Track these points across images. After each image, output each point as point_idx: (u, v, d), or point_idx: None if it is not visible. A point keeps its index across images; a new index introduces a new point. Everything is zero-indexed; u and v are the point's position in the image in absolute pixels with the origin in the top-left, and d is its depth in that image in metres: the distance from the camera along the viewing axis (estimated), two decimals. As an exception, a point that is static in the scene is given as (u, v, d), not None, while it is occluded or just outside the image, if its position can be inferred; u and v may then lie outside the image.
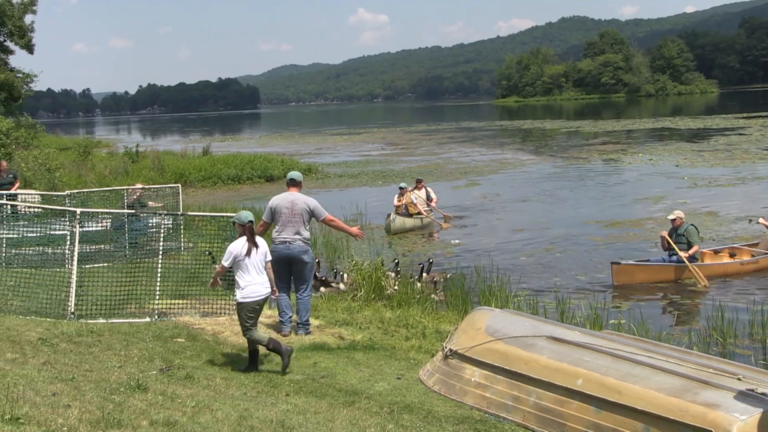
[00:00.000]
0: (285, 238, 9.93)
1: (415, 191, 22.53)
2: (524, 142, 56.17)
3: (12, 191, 19.18)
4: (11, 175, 20.65)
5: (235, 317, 10.68)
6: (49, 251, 13.29)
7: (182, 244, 14.70)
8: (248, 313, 8.29)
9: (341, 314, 11.46)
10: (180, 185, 19.22)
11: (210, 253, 12.45)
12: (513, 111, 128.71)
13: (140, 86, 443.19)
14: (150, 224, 14.54)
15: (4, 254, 12.32)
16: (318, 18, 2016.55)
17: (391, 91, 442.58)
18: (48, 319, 9.78)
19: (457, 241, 19.61)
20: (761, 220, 16.19)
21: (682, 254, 14.52)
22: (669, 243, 14.77)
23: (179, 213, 15.14)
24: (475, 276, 13.73)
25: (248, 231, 8.37)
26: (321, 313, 11.44)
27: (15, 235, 12.23)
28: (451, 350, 7.80)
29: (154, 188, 19.06)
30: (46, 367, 6.80)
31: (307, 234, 10.11)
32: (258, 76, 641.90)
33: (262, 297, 8.39)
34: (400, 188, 22.24)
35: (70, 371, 6.74)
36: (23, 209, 14.22)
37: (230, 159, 38.65)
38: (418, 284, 13.43)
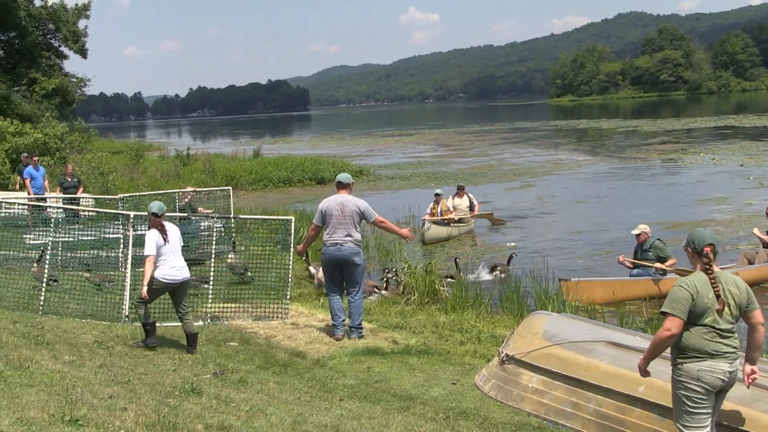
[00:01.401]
0: (336, 240, 9.99)
1: (456, 198, 21.80)
2: (580, 143, 55.58)
3: (78, 195, 19.76)
4: (76, 179, 21.25)
5: (288, 321, 10.80)
6: (104, 254, 13.55)
7: (234, 247, 14.84)
8: (156, 292, 8.72)
9: (394, 318, 11.48)
10: (231, 188, 19.45)
11: (234, 244, 12.75)
12: (568, 110, 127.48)
13: (190, 89, 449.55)
14: (201, 227, 14.73)
15: (60, 257, 12.56)
16: (368, 18, 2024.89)
17: (443, 91, 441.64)
18: (103, 322, 9.99)
19: (512, 243, 19.49)
20: (755, 231, 15.33)
21: (660, 265, 13.47)
22: (633, 262, 13.98)
23: (231, 216, 15.31)
24: (531, 279, 13.62)
25: (154, 221, 8.74)
26: (374, 317, 11.46)
27: (71, 239, 12.48)
28: (507, 355, 7.77)
29: (204, 191, 19.32)
30: (103, 369, 6.94)
31: (357, 236, 10.15)
32: (308, 78, 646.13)
33: (177, 281, 8.73)
34: (436, 195, 21.55)
35: (126, 374, 6.87)
36: (78, 212, 14.52)
37: (281, 161, 38.97)
38: (384, 292, 13.53)
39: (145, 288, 8.62)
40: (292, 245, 11.79)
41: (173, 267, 8.69)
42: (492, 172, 36.03)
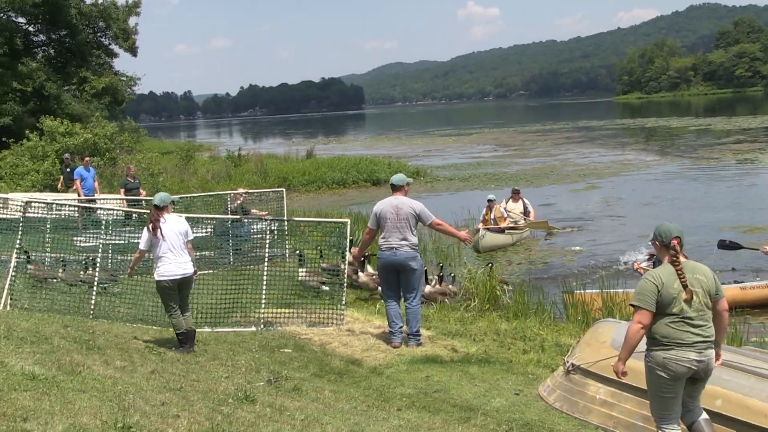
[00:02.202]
0: (391, 244, 9.98)
1: (510, 203, 21.45)
2: (648, 142, 54.83)
3: (141, 197, 20.03)
4: (137, 181, 21.58)
5: (344, 327, 10.84)
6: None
7: (287, 251, 14.94)
8: (164, 292, 8.87)
9: (454, 325, 11.44)
10: (284, 189, 19.59)
11: (300, 255, 12.71)
12: (635, 108, 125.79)
13: (241, 87, 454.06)
14: (254, 230, 14.86)
15: (110, 261, 12.81)
16: (425, 13, 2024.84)
17: (503, 88, 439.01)
18: (154, 327, 10.14)
19: (577, 247, 19.29)
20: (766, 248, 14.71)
21: None
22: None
23: (284, 218, 15.41)
24: (599, 285, 13.46)
25: (153, 211, 8.91)
26: (432, 324, 11.44)
27: (121, 241, 12.70)
28: (573, 365, 7.68)
29: (256, 192, 19.47)
30: (155, 375, 7.04)
31: (414, 239, 10.12)
32: (362, 75, 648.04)
33: (179, 277, 8.80)
34: (488, 201, 20.98)
35: (178, 381, 6.96)
36: (129, 214, 14.75)
37: (335, 162, 39.18)
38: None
39: (131, 271, 9.43)
40: (347, 249, 11.83)
41: (171, 263, 8.80)
42: (555, 173, 35.73)
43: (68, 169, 23.70)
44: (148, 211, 9.59)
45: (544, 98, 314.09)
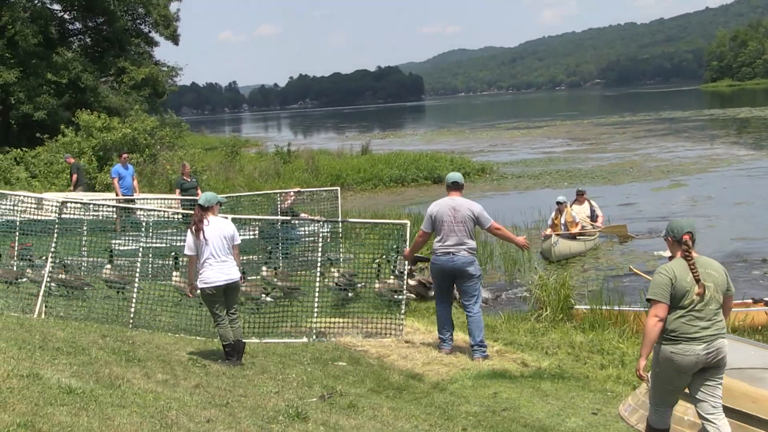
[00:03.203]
0: (448, 248, 10.02)
1: (575, 206, 20.77)
2: (740, 134, 53.85)
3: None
4: (194, 180, 21.47)
5: (403, 338, 10.83)
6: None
7: (341, 255, 14.98)
8: (208, 300, 8.91)
9: (524, 337, 11.36)
10: (338, 188, 19.63)
11: (378, 263, 12.67)
12: (726, 97, 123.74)
13: (290, 77, 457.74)
14: (305, 233, 14.92)
15: (150, 266, 12.96)
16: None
17: (577, 77, 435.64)
18: (198, 338, 10.25)
19: (661, 252, 18.95)
20: None
21: None
22: None
23: (338, 220, 15.44)
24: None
25: (196, 212, 8.92)
26: (500, 335, 11.38)
27: (162, 245, 12.85)
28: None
29: (308, 191, 19.50)
30: (199, 390, 7.10)
31: (472, 243, 10.16)
32: (422, 64, 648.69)
33: (221, 283, 8.80)
34: (558, 203, 20.26)
35: (224, 396, 7.01)
36: (171, 216, 14.93)
37: (392, 158, 39.18)
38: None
39: (188, 288, 9.20)
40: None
41: (214, 268, 8.83)
42: (635, 170, 35.28)
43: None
44: (177, 212, 9.63)
45: (622, 87, 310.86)
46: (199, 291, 8.97)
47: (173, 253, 12.68)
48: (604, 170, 35.50)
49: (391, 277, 12.59)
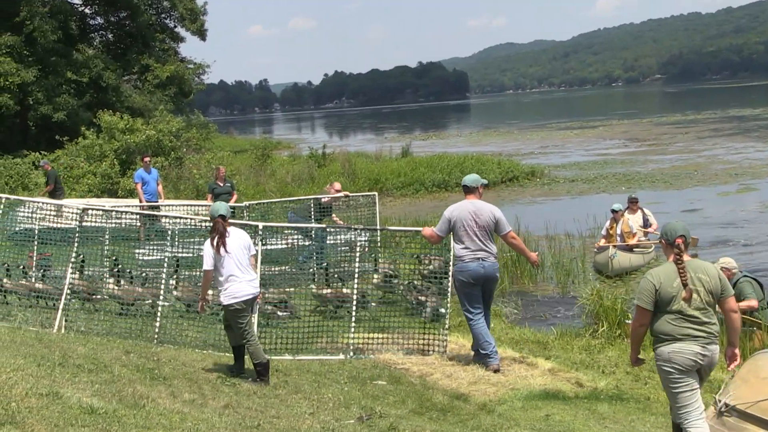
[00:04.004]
0: (476, 254, 10.22)
1: (627, 214, 20.17)
2: (817, 134, 53.20)
3: (231, 203, 19.79)
4: (229, 184, 21.44)
5: (447, 356, 10.80)
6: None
7: (380, 266, 14.97)
8: (237, 316, 8.90)
9: (578, 354, 11.31)
10: (376, 194, 19.63)
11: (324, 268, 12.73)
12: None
13: (325, 75, 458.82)
14: (341, 241, 14.94)
15: (176, 276, 13.03)
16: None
17: (635, 72, 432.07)
18: (227, 354, 10.29)
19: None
20: None
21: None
22: None
23: (376, 227, 15.45)
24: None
25: (215, 225, 8.95)
26: (552, 353, 11.34)
27: (189, 255, 12.92)
28: (727, 405, 7.50)
29: (343, 197, 19.49)
30: (228, 410, 7.14)
31: (495, 248, 10.42)
32: (466, 59, 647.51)
33: (250, 296, 8.91)
34: (613, 211, 19.74)
35: (255, 417, 7.04)
36: (198, 223, 15.00)
37: (435, 161, 39.17)
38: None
39: (200, 303, 9.25)
40: (451, 263, 11.80)
41: (242, 281, 8.91)
42: (700, 173, 34.98)
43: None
44: (238, 221, 9.68)
45: (685, 83, 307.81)
46: (222, 307, 9.02)
47: (176, 262, 12.80)
48: (666, 174, 35.22)
49: (327, 287, 12.79)
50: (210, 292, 11.94)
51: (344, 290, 12.47)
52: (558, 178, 36.54)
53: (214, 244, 8.87)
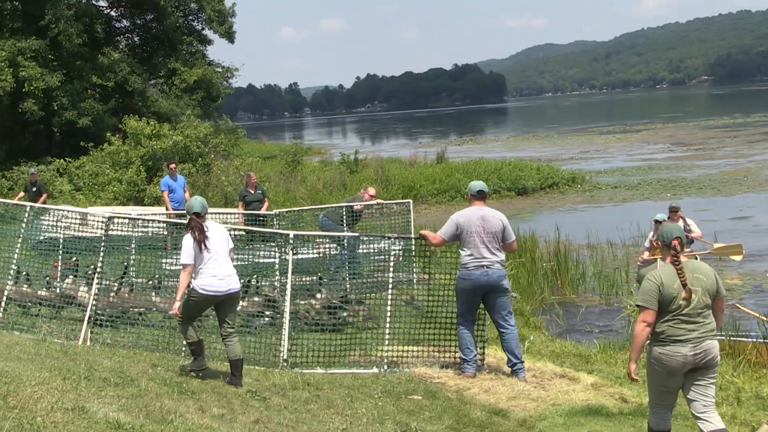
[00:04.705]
0: (481, 262, 10.37)
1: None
2: None
3: (263, 211, 19.80)
4: (260, 192, 21.47)
5: (484, 369, 10.77)
6: (255, 284, 14.00)
7: (415, 276, 14.96)
8: (193, 306, 9.12)
9: (622, 368, 11.25)
10: (411, 201, 19.61)
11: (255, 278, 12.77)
12: None
13: (357, 78, 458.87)
14: (374, 250, 14.91)
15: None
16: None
17: (680, 73, 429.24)
18: (257, 368, 10.33)
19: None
20: None
21: None
22: None
23: (411, 236, 15.43)
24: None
25: (191, 222, 9.19)
26: (595, 366, 11.28)
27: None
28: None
29: (377, 204, 19.45)
30: (258, 426, 7.16)
31: (503, 256, 10.57)
32: (504, 61, 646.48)
33: (222, 294, 9.03)
34: (656, 221, 18.47)
35: (286, 432, 7.05)
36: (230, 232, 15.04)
37: (471, 167, 39.17)
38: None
39: (177, 304, 9.17)
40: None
41: (215, 276, 9.03)
42: (749, 179, 34.74)
43: (34, 188, 23.36)
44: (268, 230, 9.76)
45: (734, 84, 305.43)
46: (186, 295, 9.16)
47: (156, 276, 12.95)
48: (713, 179, 35.00)
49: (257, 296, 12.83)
50: (243, 303, 12.03)
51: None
52: (600, 184, 36.43)
53: (196, 240, 9.03)
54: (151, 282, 13.07)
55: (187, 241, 9.09)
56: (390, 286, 11.85)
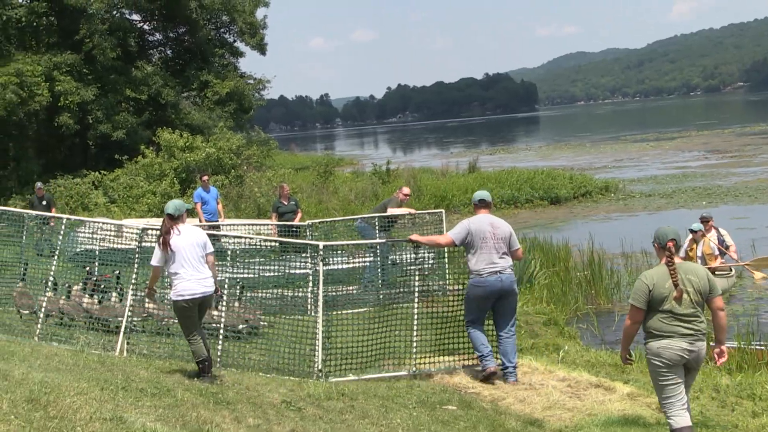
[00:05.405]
0: (494, 267, 10.63)
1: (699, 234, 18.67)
2: None
3: (296, 222, 19.83)
4: (293, 203, 21.58)
5: (519, 379, 10.77)
6: (289, 294, 14.05)
7: (447, 285, 14.94)
8: (183, 314, 9.36)
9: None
10: (443, 211, 19.62)
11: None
12: None
13: (388, 88, 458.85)
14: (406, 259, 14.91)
15: (238, 298, 13.13)
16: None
17: (715, 80, 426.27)
18: (291, 378, 10.38)
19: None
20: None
21: None
22: None
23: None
24: None
25: (162, 223, 9.52)
26: (631, 376, 11.23)
27: (251, 275, 13.02)
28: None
29: (410, 215, 19.44)
30: (294, 436, 7.19)
31: (511, 261, 10.93)
32: (535, 70, 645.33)
33: (199, 295, 9.21)
34: (692, 231, 18.51)
35: (322, 443, 7.08)
36: (261, 243, 15.11)
37: (503, 176, 39.10)
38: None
39: (147, 292, 9.76)
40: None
41: (190, 279, 9.27)
42: (788, 187, 34.46)
43: (43, 203, 23.32)
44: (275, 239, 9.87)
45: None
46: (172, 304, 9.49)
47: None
48: (750, 187, 34.72)
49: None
50: (299, 317, 12.07)
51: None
52: (634, 192, 36.24)
53: (160, 243, 9.32)
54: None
55: (156, 245, 9.48)
56: (416, 294, 11.85)
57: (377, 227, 17.36)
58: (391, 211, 17.84)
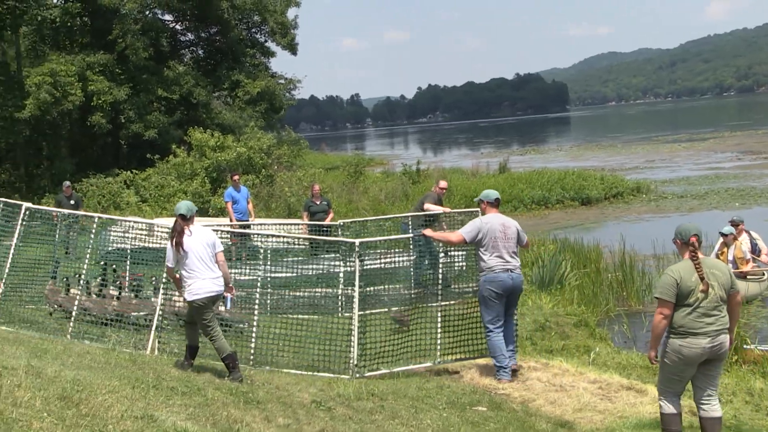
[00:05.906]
0: (506, 265, 10.90)
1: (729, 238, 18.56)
2: None
3: (327, 222, 19.86)
4: (325, 202, 21.55)
5: (550, 381, 10.72)
6: (321, 293, 14.07)
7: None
8: (200, 313, 9.46)
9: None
10: (480, 210, 19.53)
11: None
12: None
13: (419, 88, 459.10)
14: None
15: (269, 298, 13.16)
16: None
17: (749, 80, 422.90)
18: (322, 377, 10.38)
19: None
20: None
21: None
22: None
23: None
24: None
25: (174, 224, 9.60)
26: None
27: (284, 274, 13.05)
28: None
29: (444, 213, 19.38)
30: (323, 436, 7.19)
31: (519, 262, 11.26)
32: (566, 70, 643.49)
33: (214, 294, 9.38)
34: (723, 234, 18.48)
35: (352, 443, 7.08)
36: (294, 242, 15.13)
37: (534, 177, 38.94)
38: None
39: (180, 295, 9.95)
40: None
41: (205, 278, 9.43)
42: (823, 190, 34.13)
43: (72, 202, 23.13)
44: (307, 237, 9.91)
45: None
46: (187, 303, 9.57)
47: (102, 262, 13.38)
48: (784, 189, 34.44)
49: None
50: (313, 317, 12.10)
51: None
52: (666, 193, 35.99)
53: (173, 243, 9.41)
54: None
55: (168, 246, 9.57)
56: (439, 295, 11.87)
57: (412, 226, 17.35)
58: (428, 207, 18.01)
